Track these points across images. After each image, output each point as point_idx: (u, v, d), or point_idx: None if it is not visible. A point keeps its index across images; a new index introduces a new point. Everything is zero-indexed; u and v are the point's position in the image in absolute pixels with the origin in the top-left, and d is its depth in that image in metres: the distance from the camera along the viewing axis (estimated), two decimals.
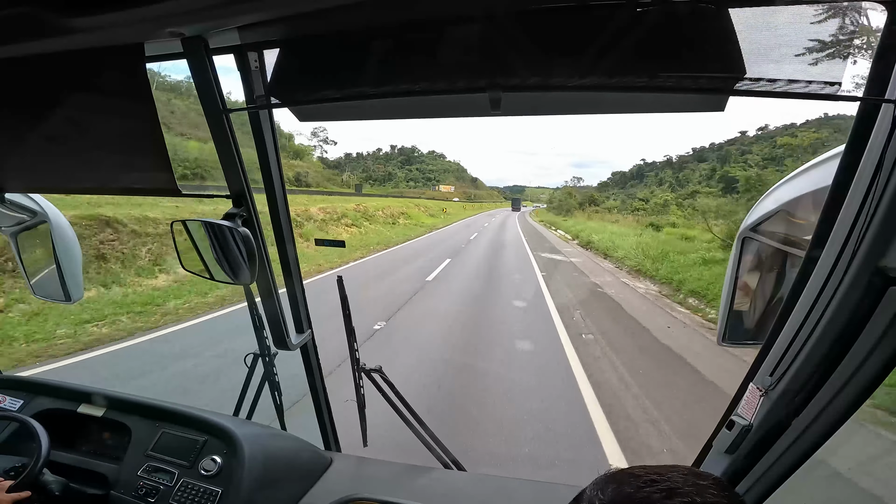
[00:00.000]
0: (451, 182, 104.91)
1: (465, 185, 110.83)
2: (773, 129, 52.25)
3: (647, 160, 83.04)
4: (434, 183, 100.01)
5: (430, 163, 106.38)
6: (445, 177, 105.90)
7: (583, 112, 1.00)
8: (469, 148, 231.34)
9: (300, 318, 1.50)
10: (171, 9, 0.78)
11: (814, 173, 0.93)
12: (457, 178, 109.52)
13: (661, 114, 1.11)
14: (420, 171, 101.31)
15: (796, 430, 0.91)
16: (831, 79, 0.70)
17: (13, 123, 1.10)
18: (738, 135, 56.94)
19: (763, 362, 0.95)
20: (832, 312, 0.78)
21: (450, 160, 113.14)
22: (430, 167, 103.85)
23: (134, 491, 1.27)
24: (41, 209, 1.48)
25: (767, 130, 53.19)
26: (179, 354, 5.28)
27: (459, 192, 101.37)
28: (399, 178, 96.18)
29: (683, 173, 60.41)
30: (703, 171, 55.08)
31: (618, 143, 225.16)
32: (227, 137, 1.07)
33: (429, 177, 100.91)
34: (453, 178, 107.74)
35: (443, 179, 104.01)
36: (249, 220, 1.17)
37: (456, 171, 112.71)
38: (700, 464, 1.18)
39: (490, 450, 3.38)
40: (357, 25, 0.91)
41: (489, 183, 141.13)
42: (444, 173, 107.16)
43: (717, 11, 0.72)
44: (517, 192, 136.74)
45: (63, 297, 1.50)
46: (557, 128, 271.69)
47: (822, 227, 0.79)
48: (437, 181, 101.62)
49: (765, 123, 59.09)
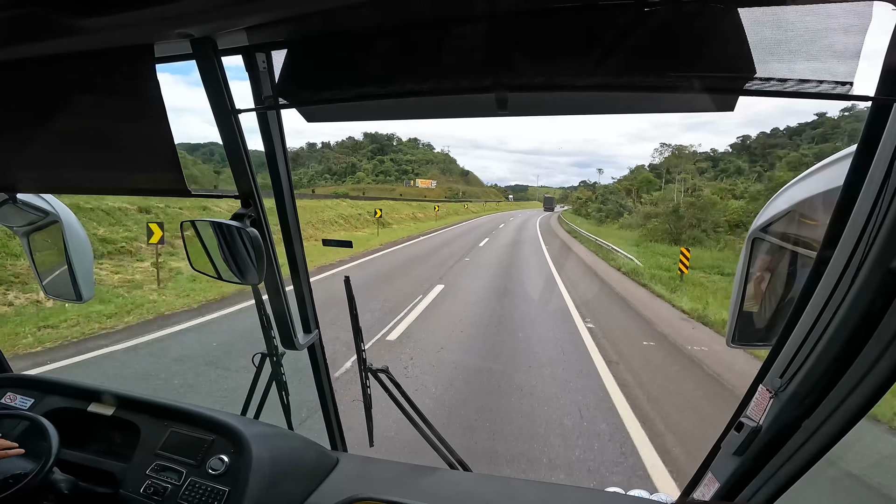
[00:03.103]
0: (435, 175, 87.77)
1: (453, 180, 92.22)
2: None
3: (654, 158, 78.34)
4: (411, 176, 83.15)
5: (408, 152, 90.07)
6: (427, 169, 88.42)
7: (590, 112, 0.99)
8: (465, 146, 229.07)
9: (307, 318, 1.50)
10: (179, 10, 0.79)
11: (825, 173, 0.92)
12: (442, 172, 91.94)
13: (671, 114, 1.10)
14: (395, 161, 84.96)
15: (806, 432, 0.90)
16: (843, 78, 0.70)
17: (24, 124, 1.11)
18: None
19: (773, 364, 0.94)
20: (843, 313, 0.77)
21: (437, 152, 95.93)
22: (408, 157, 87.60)
23: (142, 490, 1.28)
24: (53, 209, 1.50)
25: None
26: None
27: (444, 187, 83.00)
28: (365, 170, 79.14)
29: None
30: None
31: (617, 142, 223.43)
32: (236, 138, 1.08)
33: (405, 169, 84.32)
34: (437, 171, 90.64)
35: (424, 172, 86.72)
36: (258, 221, 1.18)
37: (442, 162, 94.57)
38: (708, 465, 1.17)
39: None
40: (364, 26, 0.92)
41: (488, 180, 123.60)
42: (427, 165, 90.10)
43: (726, 10, 0.71)
44: (520, 190, 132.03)
45: (74, 296, 1.52)
46: (558, 128, 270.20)
47: (834, 228, 0.79)
48: (415, 174, 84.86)
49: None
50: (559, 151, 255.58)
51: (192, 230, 1.24)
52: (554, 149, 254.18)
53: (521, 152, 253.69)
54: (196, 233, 1.25)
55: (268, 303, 1.46)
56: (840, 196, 0.78)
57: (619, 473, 3.13)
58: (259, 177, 1.19)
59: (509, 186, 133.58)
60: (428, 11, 0.86)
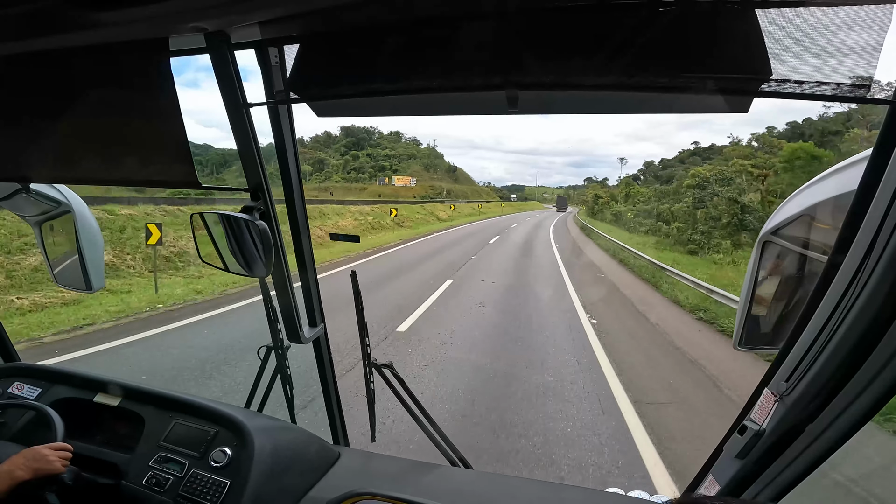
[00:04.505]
0: (417, 172, 75.64)
1: (438, 177, 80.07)
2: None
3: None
4: (388, 173, 72.26)
5: (387, 147, 78.71)
6: (408, 165, 77.10)
7: (602, 111, 0.99)
8: (463, 146, 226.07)
9: (314, 312, 1.51)
10: (195, 4, 0.80)
11: (839, 177, 0.91)
12: (426, 168, 79.65)
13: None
14: (371, 157, 74.38)
15: (809, 436, 0.90)
16: (860, 81, 0.69)
17: (40, 116, 1.13)
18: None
19: (779, 367, 0.94)
20: (852, 319, 0.77)
21: (424, 147, 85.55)
22: (387, 152, 76.97)
23: (144, 481, 1.29)
24: (66, 199, 1.51)
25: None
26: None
27: (425, 185, 71.82)
28: (335, 167, 70.16)
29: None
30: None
31: (613, 142, 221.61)
32: (248, 132, 1.09)
33: (381, 165, 73.83)
34: (419, 167, 78.28)
35: (404, 168, 75.38)
36: (266, 214, 1.19)
37: (427, 157, 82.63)
38: (710, 468, 1.17)
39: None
40: (375, 22, 0.92)
41: (481, 180, 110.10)
42: (408, 160, 78.44)
43: (743, 11, 0.71)
44: (517, 190, 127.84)
45: (84, 285, 1.54)
46: (555, 128, 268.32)
47: (846, 233, 0.78)
48: (393, 170, 73.72)
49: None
50: (556, 151, 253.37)
51: (201, 222, 1.26)
52: (551, 149, 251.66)
53: (517, 152, 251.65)
54: (205, 225, 1.26)
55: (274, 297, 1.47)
56: (854, 200, 0.77)
57: None
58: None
59: (506, 186, 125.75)
60: (439, 9, 0.86)
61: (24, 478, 1.09)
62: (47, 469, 1.13)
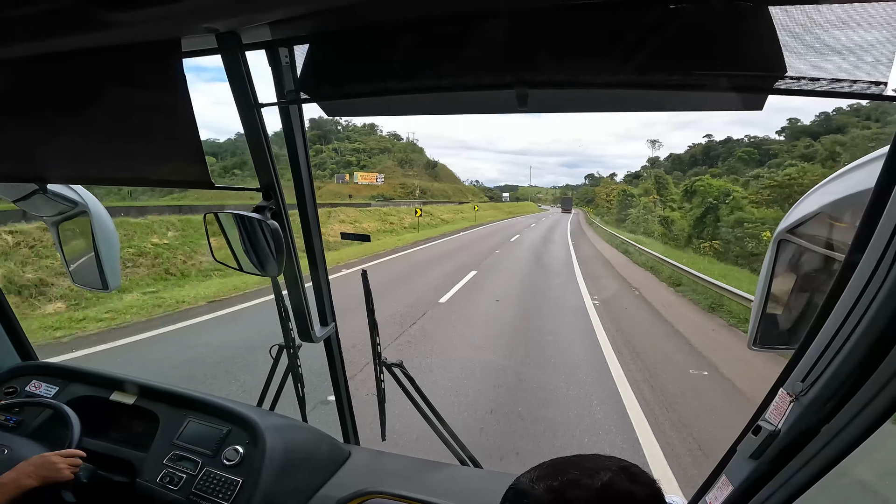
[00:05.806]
0: (389, 167, 66.42)
1: (414, 173, 69.35)
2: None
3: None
4: (352, 169, 63.94)
5: (357, 140, 70.73)
6: (380, 160, 68.48)
7: (611, 110, 0.98)
8: (456, 146, 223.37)
9: (325, 311, 1.52)
10: (206, 4, 0.81)
11: (856, 175, 0.89)
12: (399, 163, 69.96)
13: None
14: (337, 151, 66.95)
15: (825, 437, 0.88)
16: (877, 78, 0.68)
17: (56, 116, 1.14)
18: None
19: (795, 367, 0.92)
20: (871, 318, 0.76)
21: (402, 142, 77.13)
22: (356, 146, 68.99)
23: (158, 479, 1.30)
24: (82, 200, 1.54)
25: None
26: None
27: (395, 183, 62.56)
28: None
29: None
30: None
31: (606, 142, 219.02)
32: (259, 132, 1.10)
33: (348, 160, 66.03)
34: (392, 162, 69.35)
35: (374, 164, 66.93)
36: (278, 213, 1.20)
37: (403, 151, 73.29)
38: (723, 468, 1.16)
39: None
40: (386, 21, 0.92)
41: (468, 179, 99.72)
42: (380, 155, 70.00)
43: (756, 9, 0.70)
44: (511, 190, 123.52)
45: (101, 285, 1.57)
46: (547, 128, 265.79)
47: (864, 231, 0.77)
48: (361, 166, 65.26)
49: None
50: (548, 151, 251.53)
51: (215, 222, 1.27)
52: (544, 149, 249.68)
53: (510, 153, 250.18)
54: (218, 224, 1.27)
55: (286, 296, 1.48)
56: (871, 198, 0.76)
57: None
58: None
59: (498, 186, 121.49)
60: (450, 7, 0.86)
61: (31, 485, 1.09)
62: (56, 477, 1.13)
